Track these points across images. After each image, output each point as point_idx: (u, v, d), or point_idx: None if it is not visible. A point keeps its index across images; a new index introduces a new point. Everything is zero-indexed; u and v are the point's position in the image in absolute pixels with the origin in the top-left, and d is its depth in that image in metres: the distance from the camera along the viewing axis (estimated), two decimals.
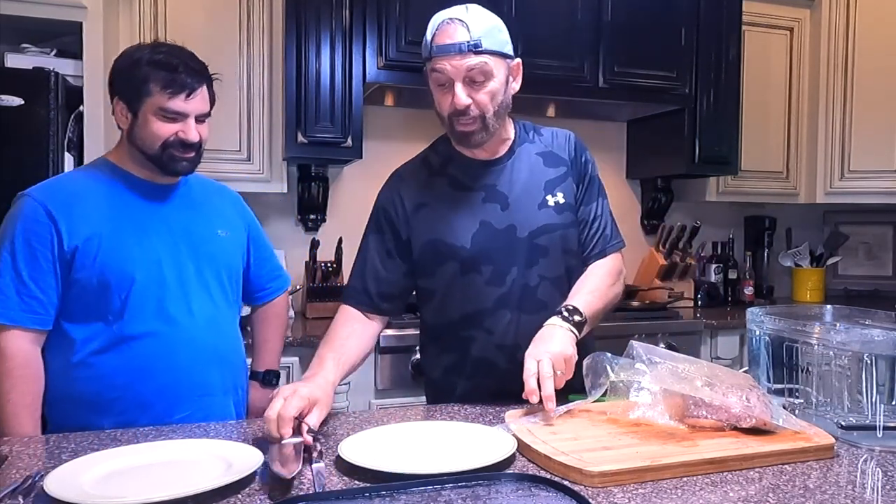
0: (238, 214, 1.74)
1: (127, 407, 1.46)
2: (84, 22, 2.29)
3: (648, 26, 2.87)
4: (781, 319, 1.41)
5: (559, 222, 1.52)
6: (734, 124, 3.09)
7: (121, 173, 1.54)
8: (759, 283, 3.55)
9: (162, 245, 1.52)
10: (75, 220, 1.45)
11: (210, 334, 1.55)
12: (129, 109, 1.50)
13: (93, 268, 1.44)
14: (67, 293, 1.45)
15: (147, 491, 0.97)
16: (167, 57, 1.48)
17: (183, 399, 1.51)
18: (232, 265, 1.65)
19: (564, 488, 1.01)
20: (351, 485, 1.04)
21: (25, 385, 1.42)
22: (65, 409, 1.46)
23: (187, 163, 1.53)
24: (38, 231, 1.43)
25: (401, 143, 3.06)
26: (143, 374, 1.47)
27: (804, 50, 3.39)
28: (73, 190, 1.50)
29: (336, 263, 2.80)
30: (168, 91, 1.46)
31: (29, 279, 1.42)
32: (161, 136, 1.48)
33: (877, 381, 1.25)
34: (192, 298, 1.53)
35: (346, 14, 2.55)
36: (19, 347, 1.42)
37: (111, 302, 1.45)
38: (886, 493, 1.04)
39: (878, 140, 3.26)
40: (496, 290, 1.49)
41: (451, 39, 1.38)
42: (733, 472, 1.09)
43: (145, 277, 1.47)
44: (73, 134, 2.25)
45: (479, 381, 1.52)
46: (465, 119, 1.42)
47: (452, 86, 1.40)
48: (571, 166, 1.57)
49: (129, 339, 1.46)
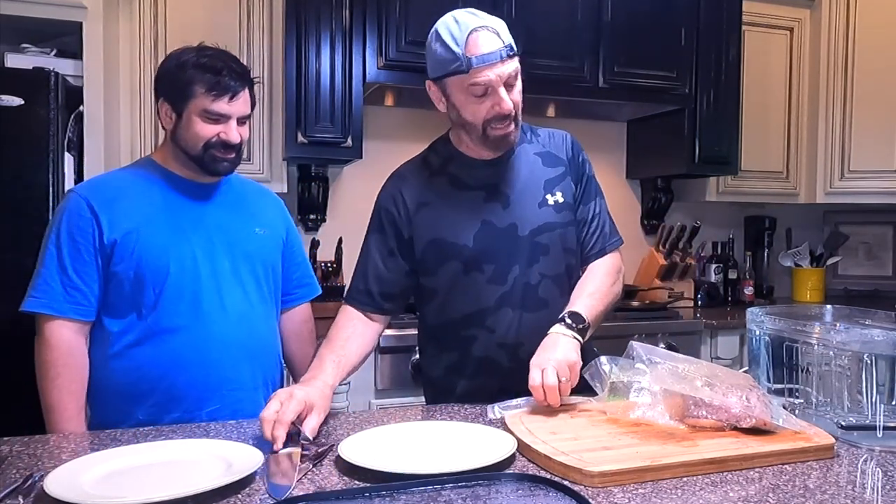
0: (278, 215, 1.76)
1: (160, 398, 1.50)
2: (84, 22, 2.29)
3: (648, 26, 2.87)
4: (781, 319, 1.41)
5: (559, 221, 1.53)
6: (734, 124, 3.09)
7: (163, 172, 1.58)
8: (759, 283, 3.55)
9: (198, 241, 1.55)
10: (116, 214, 1.49)
11: (242, 330, 1.57)
12: (173, 110, 1.54)
13: (130, 261, 1.48)
14: (106, 286, 1.50)
15: (147, 491, 0.97)
16: (212, 60, 1.52)
17: (213, 392, 1.53)
18: (269, 262, 1.67)
19: (564, 488, 1.01)
20: (351, 485, 1.04)
21: (70, 374, 1.46)
22: (103, 400, 1.51)
23: (228, 163, 1.57)
24: (81, 225, 1.48)
25: (401, 143, 3.05)
26: (174, 367, 1.50)
27: (804, 50, 3.39)
28: (116, 186, 1.55)
29: (336, 263, 2.81)
30: (212, 93, 1.50)
31: (73, 271, 1.47)
32: (204, 137, 1.52)
33: (877, 381, 1.25)
34: (225, 294, 1.56)
35: (346, 14, 2.55)
36: (64, 337, 1.46)
37: (145, 295, 1.49)
38: (886, 493, 1.04)
39: (878, 140, 3.26)
40: (498, 289, 1.49)
41: (491, 48, 1.38)
42: (733, 472, 1.09)
43: (179, 272, 1.51)
44: (73, 134, 2.25)
45: (481, 380, 1.53)
46: (504, 122, 1.44)
47: (492, 93, 1.41)
48: (569, 166, 1.58)
49: (162, 332, 1.50)
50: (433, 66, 1.46)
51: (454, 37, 1.39)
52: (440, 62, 1.43)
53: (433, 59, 1.45)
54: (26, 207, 2.11)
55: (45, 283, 1.47)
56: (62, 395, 1.45)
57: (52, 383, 1.45)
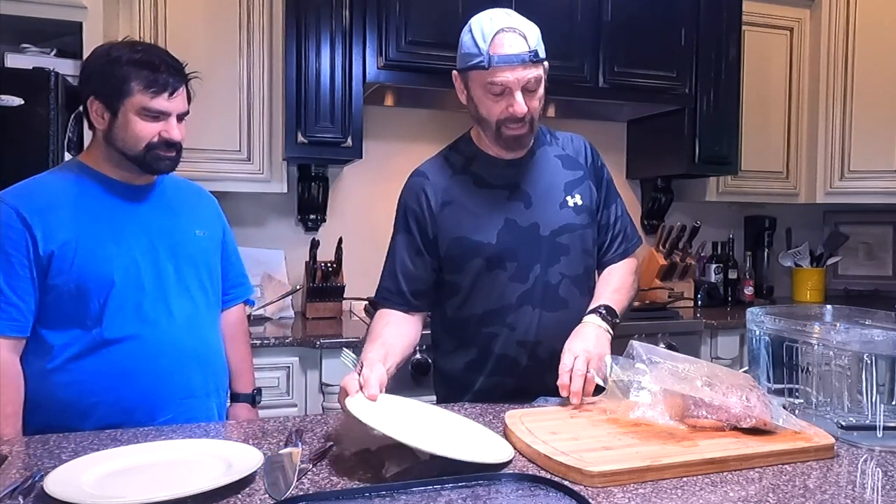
0: (214, 215, 1.72)
1: (108, 412, 1.43)
2: (84, 22, 2.29)
3: (648, 26, 2.86)
4: (781, 319, 1.41)
5: (579, 223, 1.56)
6: (734, 124, 3.08)
7: (96, 175, 1.51)
8: (759, 283, 3.55)
9: (139, 247, 1.49)
10: (50, 224, 1.42)
11: (191, 336, 1.54)
12: (107, 109, 1.46)
13: (70, 273, 1.41)
14: (44, 299, 1.42)
15: (147, 491, 0.97)
16: (147, 55, 1.47)
17: (165, 402, 1.49)
18: (211, 265, 1.64)
19: (564, 488, 1.01)
20: (351, 485, 1.04)
21: (6, 394, 1.38)
22: (41, 415, 1.42)
23: (169, 161, 1.51)
24: (13, 237, 1.39)
25: (401, 143, 3.07)
26: (123, 379, 1.44)
27: (804, 50, 3.39)
28: (46, 193, 1.46)
29: (336, 263, 2.80)
30: (151, 90, 1.45)
31: (6, 286, 1.39)
32: (145, 137, 1.46)
33: (877, 381, 1.25)
34: (171, 300, 1.51)
35: (346, 14, 2.55)
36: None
37: (89, 307, 1.42)
38: (886, 493, 1.04)
39: (878, 140, 3.26)
40: (520, 287, 1.51)
41: (514, 50, 1.41)
42: (733, 472, 1.09)
43: (123, 280, 1.45)
44: (73, 134, 2.25)
45: (498, 378, 1.54)
46: (518, 125, 1.46)
47: (508, 94, 1.43)
48: (588, 170, 1.62)
49: (109, 343, 1.44)
50: (460, 57, 1.48)
51: (483, 32, 1.42)
52: (466, 55, 1.46)
53: (461, 50, 1.48)
54: None
55: None
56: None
57: None
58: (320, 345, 2.37)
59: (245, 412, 1.76)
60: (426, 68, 2.55)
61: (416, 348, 2.41)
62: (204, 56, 2.56)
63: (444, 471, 1.03)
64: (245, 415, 1.75)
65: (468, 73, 1.47)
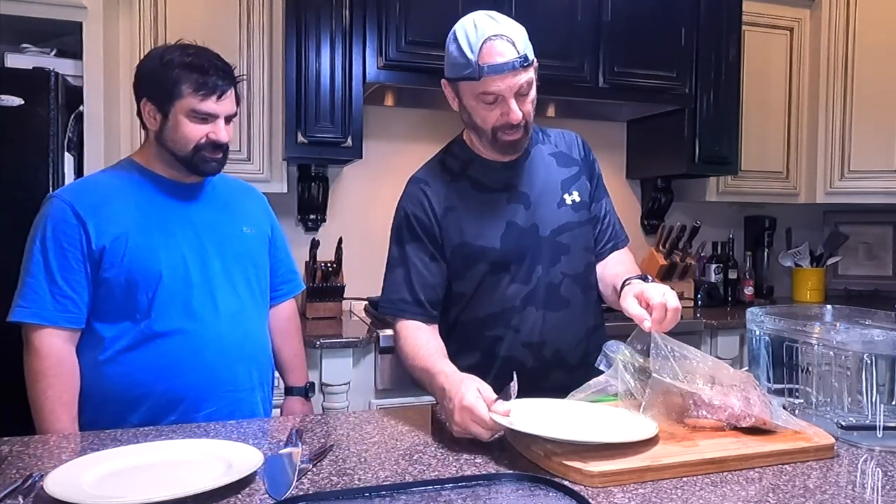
0: (263, 213, 1.75)
1: (155, 403, 1.48)
2: (84, 22, 2.29)
3: (648, 26, 2.86)
4: (781, 319, 1.41)
5: (577, 220, 1.56)
6: (734, 124, 3.08)
7: (147, 174, 1.56)
8: (759, 283, 3.55)
9: (187, 243, 1.53)
10: (103, 220, 1.47)
11: (236, 331, 1.57)
12: (158, 111, 1.51)
13: (120, 267, 1.46)
14: (96, 292, 1.47)
15: (147, 491, 0.98)
16: (198, 59, 1.51)
17: (209, 395, 1.52)
18: (258, 261, 1.67)
19: (564, 488, 1.01)
20: (351, 485, 1.04)
21: (62, 384, 1.44)
22: (94, 406, 1.48)
23: (216, 163, 1.55)
24: (68, 231, 1.45)
25: (401, 143, 3.07)
26: (169, 371, 1.48)
27: (804, 50, 3.39)
28: (100, 190, 1.52)
29: (336, 263, 2.80)
30: (200, 93, 1.49)
31: (61, 279, 1.44)
32: (193, 138, 1.50)
33: (877, 381, 1.25)
34: (217, 295, 1.55)
35: (346, 14, 2.55)
36: (55, 346, 1.44)
37: (138, 300, 1.47)
38: (886, 493, 1.04)
39: (878, 140, 3.26)
40: (523, 288, 1.50)
41: (503, 58, 1.38)
42: (733, 472, 1.09)
43: (171, 275, 1.49)
44: (73, 134, 2.25)
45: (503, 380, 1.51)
46: (513, 130, 1.45)
47: (501, 101, 1.42)
48: (583, 166, 1.61)
49: (156, 336, 1.48)
50: (448, 67, 1.46)
51: (470, 42, 1.39)
52: (454, 65, 1.44)
53: (449, 60, 1.45)
54: (26, 207, 2.09)
55: (32, 291, 1.44)
56: (54, 406, 1.43)
57: (44, 394, 1.42)
58: (320, 345, 2.37)
59: (299, 405, 1.79)
60: (426, 68, 2.55)
61: None
62: None
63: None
64: (299, 408, 1.79)
65: (458, 84, 1.45)
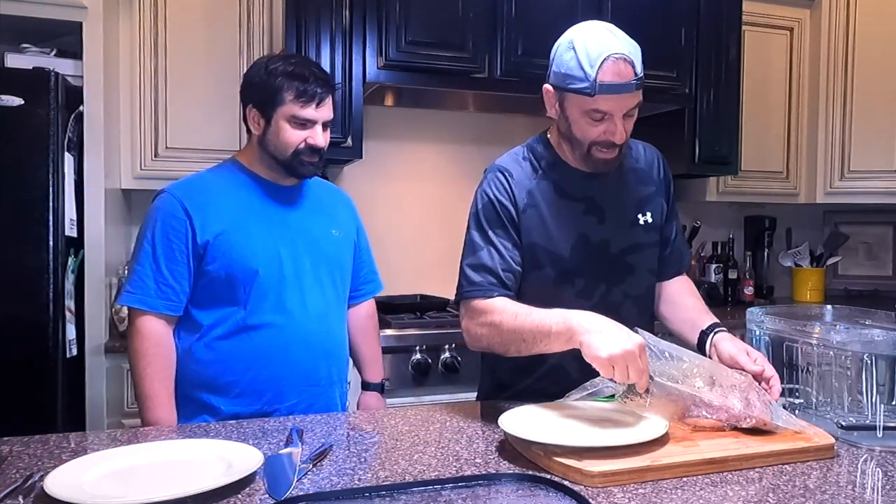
0: (350, 216, 1.83)
1: (242, 391, 1.57)
2: (84, 22, 2.28)
3: (648, 26, 2.85)
4: (781, 319, 1.41)
5: (647, 241, 1.54)
6: (734, 124, 3.08)
7: (250, 174, 1.66)
8: (759, 283, 3.55)
9: (282, 242, 1.62)
10: (208, 216, 1.57)
11: (320, 328, 1.65)
12: (262, 116, 1.61)
13: (222, 261, 1.56)
14: (197, 282, 1.58)
15: (147, 491, 0.98)
16: (299, 67, 1.60)
17: (291, 388, 1.61)
18: (343, 264, 1.76)
19: (564, 488, 1.01)
20: (351, 485, 1.04)
21: (160, 362, 1.55)
22: (186, 386, 1.58)
23: (313, 167, 1.64)
24: (175, 226, 1.56)
25: (401, 143, 3.07)
26: (259, 362, 1.58)
27: (804, 50, 3.38)
28: (206, 188, 1.62)
29: None
30: (301, 100, 1.58)
31: (166, 269, 1.55)
32: (293, 143, 1.59)
33: (877, 381, 1.25)
34: (306, 293, 1.63)
35: (346, 14, 2.55)
36: (154, 329, 1.55)
37: (236, 293, 1.57)
38: (886, 493, 1.04)
39: (878, 140, 3.25)
40: (584, 304, 1.44)
41: (622, 79, 1.35)
42: (733, 472, 1.09)
43: (266, 272, 1.58)
44: (73, 134, 2.25)
45: (545, 384, 1.50)
46: (611, 149, 1.43)
47: (608, 120, 1.39)
48: (661, 186, 1.60)
49: (250, 328, 1.57)
50: (559, 74, 1.42)
51: (590, 56, 1.36)
52: (568, 75, 1.39)
53: (562, 67, 1.41)
54: (26, 207, 2.11)
55: (139, 279, 1.55)
56: (153, 383, 1.53)
57: (145, 371, 1.53)
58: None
59: (375, 400, 1.89)
60: (426, 68, 2.55)
61: (417, 348, 2.43)
62: (204, 56, 2.56)
63: None
64: (375, 403, 1.89)
65: (565, 93, 1.41)
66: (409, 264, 3.02)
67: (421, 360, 2.41)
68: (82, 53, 2.29)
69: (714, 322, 1.49)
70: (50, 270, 2.12)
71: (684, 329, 1.56)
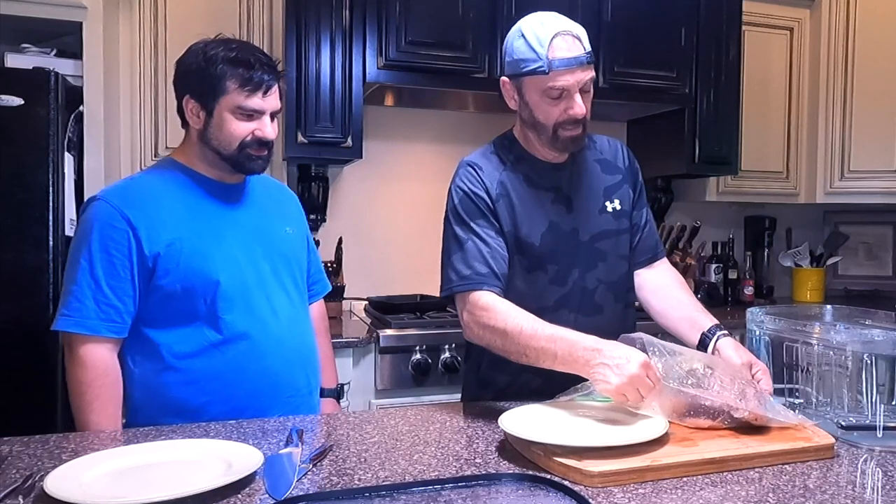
0: (298, 211, 1.73)
1: (219, 411, 1.42)
2: (84, 22, 2.29)
3: (648, 26, 2.86)
4: (781, 319, 1.41)
5: (616, 228, 1.57)
6: (734, 124, 3.08)
7: (191, 174, 1.50)
8: (759, 283, 3.55)
9: (238, 246, 1.48)
10: (154, 225, 1.41)
11: (293, 334, 1.54)
12: (202, 108, 1.45)
13: (176, 273, 1.40)
14: (148, 299, 1.41)
15: (147, 491, 0.98)
16: (242, 53, 1.44)
17: (273, 401, 1.48)
18: (301, 262, 1.64)
19: (564, 488, 1.01)
20: (351, 485, 1.04)
21: (107, 395, 1.39)
22: (151, 415, 1.42)
23: (262, 161, 1.50)
24: (116, 237, 1.39)
25: (401, 143, 3.07)
26: (234, 377, 1.44)
27: (804, 50, 3.38)
28: (147, 193, 1.45)
29: (336, 263, 2.80)
30: (246, 89, 1.43)
31: (107, 287, 1.38)
32: (238, 136, 1.45)
33: (877, 381, 1.25)
34: (273, 298, 1.51)
35: (346, 14, 2.55)
36: (99, 356, 1.38)
37: (196, 306, 1.42)
38: (886, 493, 1.04)
39: (878, 140, 3.25)
40: (558, 290, 1.51)
41: (572, 53, 1.41)
42: (733, 472, 1.10)
43: (228, 280, 1.44)
44: (73, 134, 2.25)
45: (527, 376, 1.50)
46: (575, 126, 1.46)
47: (567, 97, 1.43)
48: (627, 174, 1.62)
49: (220, 342, 1.43)
50: (513, 62, 1.46)
51: (538, 38, 1.41)
52: (521, 60, 1.44)
53: (513, 56, 1.46)
54: (26, 207, 2.11)
55: (77, 300, 1.37)
56: (100, 419, 1.37)
57: (90, 406, 1.37)
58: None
59: (331, 407, 1.74)
60: (426, 68, 2.55)
61: (417, 348, 2.43)
62: None
63: None
64: (331, 410, 1.73)
65: (522, 80, 1.46)
66: (409, 264, 3.02)
67: (421, 360, 2.41)
68: (82, 53, 2.29)
69: (715, 323, 1.50)
70: (50, 270, 2.12)
71: (682, 326, 1.56)
